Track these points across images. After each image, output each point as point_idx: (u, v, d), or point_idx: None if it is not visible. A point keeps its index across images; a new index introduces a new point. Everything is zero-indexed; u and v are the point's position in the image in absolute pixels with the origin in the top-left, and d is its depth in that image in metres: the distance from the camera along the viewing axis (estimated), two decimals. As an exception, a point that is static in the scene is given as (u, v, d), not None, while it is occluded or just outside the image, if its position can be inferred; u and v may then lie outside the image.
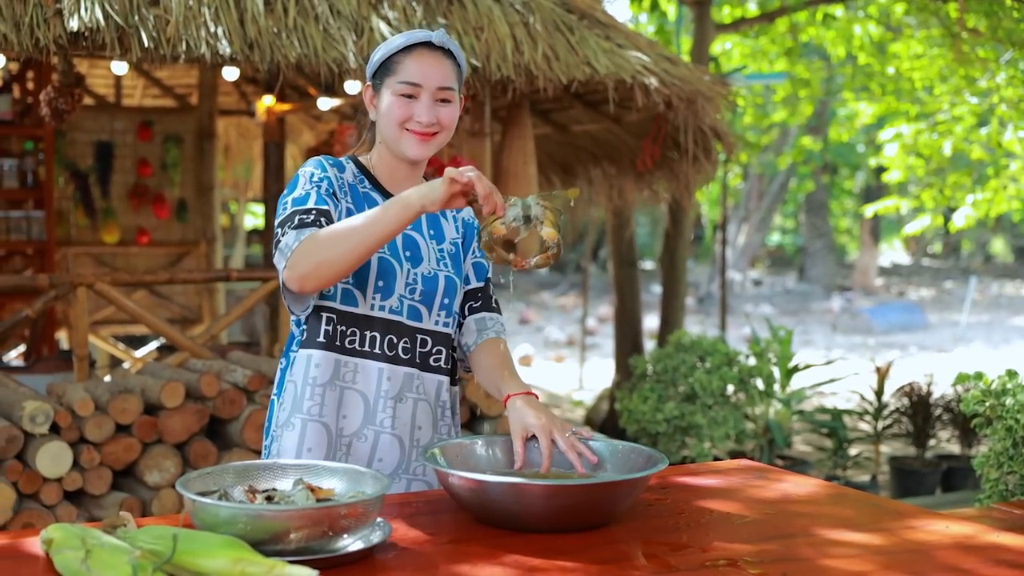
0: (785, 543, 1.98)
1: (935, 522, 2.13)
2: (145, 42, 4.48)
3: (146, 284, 7.84)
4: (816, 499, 2.35)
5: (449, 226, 2.65)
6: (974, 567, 1.84)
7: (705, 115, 5.96)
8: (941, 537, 2.02)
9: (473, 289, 2.67)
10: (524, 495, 1.98)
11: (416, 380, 2.52)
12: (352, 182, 2.56)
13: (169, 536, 1.72)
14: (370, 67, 2.59)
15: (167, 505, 4.67)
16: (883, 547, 1.97)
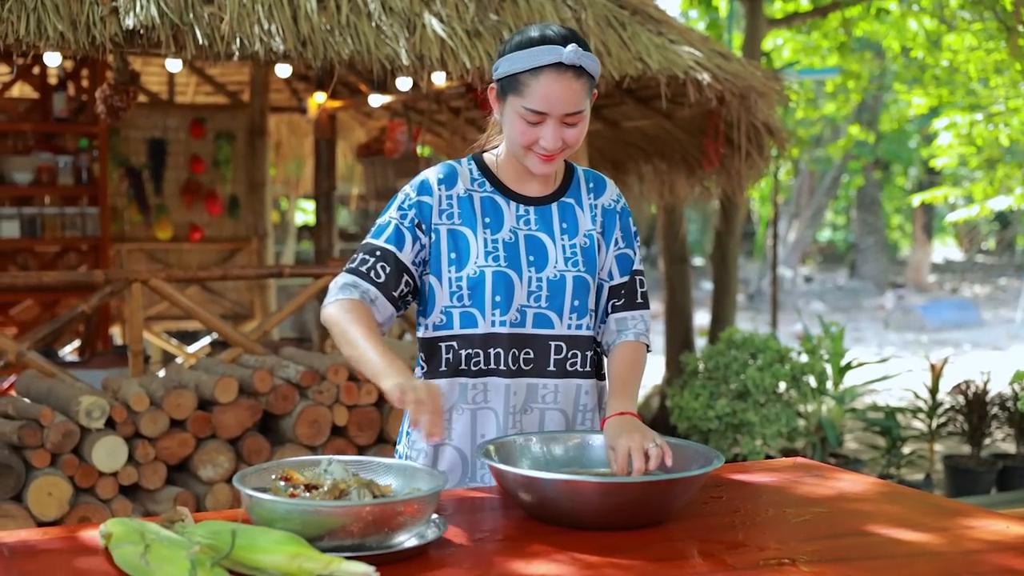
0: (841, 542, 1.97)
1: (994, 522, 2.10)
2: (200, 40, 4.51)
3: (200, 280, 7.89)
4: (871, 498, 2.32)
5: (584, 217, 2.56)
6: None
7: (758, 111, 5.92)
8: (1001, 537, 1.99)
9: (616, 285, 2.57)
10: (579, 493, 1.98)
11: (543, 390, 2.46)
12: (467, 190, 2.49)
13: (227, 531, 1.73)
14: (496, 72, 2.47)
15: (220, 500, 4.70)
16: (941, 547, 1.95)
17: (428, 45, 4.87)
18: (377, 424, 5.14)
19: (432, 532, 1.90)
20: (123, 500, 4.57)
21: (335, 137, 8.54)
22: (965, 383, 7.41)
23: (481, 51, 4.95)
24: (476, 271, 2.43)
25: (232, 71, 9.38)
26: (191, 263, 8.93)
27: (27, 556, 1.82)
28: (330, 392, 5.02)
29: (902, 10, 11.06)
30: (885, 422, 7.15)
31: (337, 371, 5.05)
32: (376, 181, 7.49)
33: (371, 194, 7.72)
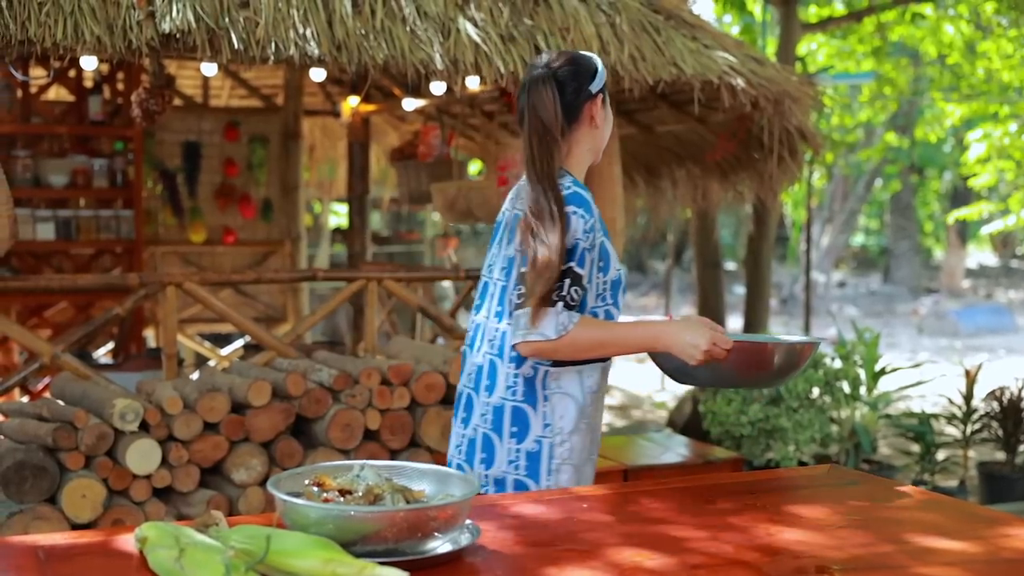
0: (877, 550, 1.95)
1: (1033, 531, 2.08)
2: (235, 44, 4.53)
3: (233, 283, 7.93)
4: (906, 505, 2.31)
5: None
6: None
7: (792, 115, 5.90)
8: (1040, 547, 1.98)
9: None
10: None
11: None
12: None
13: (262, 536, 1.74)
14: (598, 85, 2.93)
15: (253, 503, 4.72)
16: (978, 555, 1.93)
17: (462, 50, 4.88)
18: (410, 428, 5.14)
19: (465, 538, 1.90)
20: (156, 503, 4.58)
21: (368, 140, 8.55)
22: (999, 389, 7.35)
23: (515, 55, 4.95)
24: (616, 274, 2.85)
25: (266, 74, 9.42)
26: (224, 266, 8.96)
27: (62, 559, 1.83)
28: (363, 396, 5.03)
29: (938, 15, 11.00)
30: (919, 428, 7.11)
31: (370, 375, 5.06)
32: (409, 185, 7.50)
33: (404, 198, 7.73)
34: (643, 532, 2.08)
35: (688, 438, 6.58)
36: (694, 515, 2.21)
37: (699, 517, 2.19)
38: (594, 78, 2.92)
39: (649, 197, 7.95)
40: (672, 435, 7.61)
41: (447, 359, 5.29)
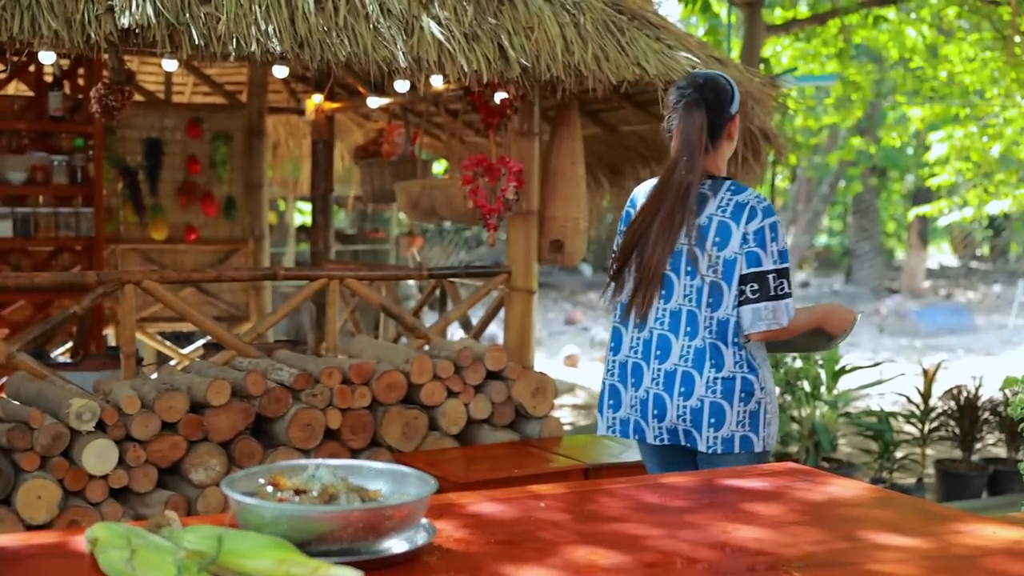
0: (832, 547, 1.96)
1: (983, 526, 2.10)
2: (196, 39, 4.50)
3: (194, 282, 7.88)
4: (863, 503, 2.32)
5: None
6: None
7: (755, 116, 5.92)
8: (989, 542, 1.99)
9: None
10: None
11: None
12: None
13: (214, 536, 1.72)
14: (736, 104, 3.64)
15: (212, 504, 4.69)
16: (931, 552, 1.95)
17: (426, 48, 4.86)
18: (371, 427, 5.13)
19: (421, 537, 1.89)
20: (113, 503, 4.55)
21: (333, 138, 8.52)
22: (957, 388, 7.42)
23: (479, 54, 4.94)
24: None
25: (230, 71, 9.36)
26: (186, 264, 8.90)
27: (12, 561, 1.81)
28: (323, 395, 5.01)
29: (900, 18, 11.06)
30: (878, 426, 7.16)
31: (331, 374, 5.04)
32: (373, 183, 7.46)
33: (368, 196, 7.69)
34: (600, 531, 2.08)
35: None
36: (651, 513, 2.21)
37: (656, 515, 2.20)
38: (733, 101, 3.63)
39: (614, 197, 7.96)
40: (634, 435, 7.62)
41: (409, 358, 5.28)
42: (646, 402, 3.62)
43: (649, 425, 3.62)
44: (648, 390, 3.61)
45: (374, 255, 15.02)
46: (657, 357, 3.60)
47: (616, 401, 3.73)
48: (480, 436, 5.41)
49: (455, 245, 22.23)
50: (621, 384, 3.70)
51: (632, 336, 3.68)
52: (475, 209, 5.65)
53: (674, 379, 3.56)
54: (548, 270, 22.28)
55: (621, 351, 3.71)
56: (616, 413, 3.73)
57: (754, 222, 3.51)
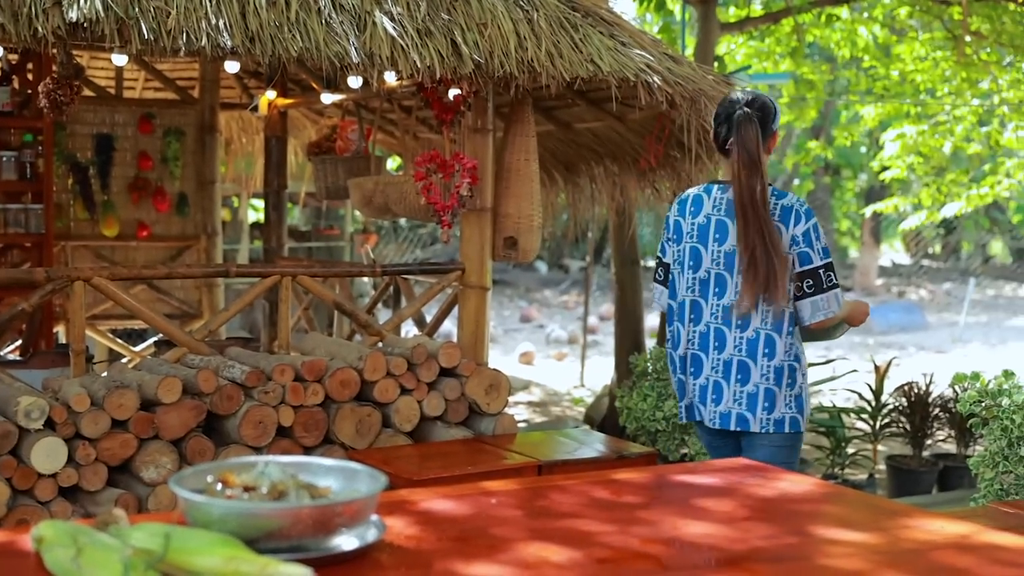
0: (781, 542, 1.97)
1: (931, 521, 2.11)
2: (145, 34, 4.46)
3: (144, 278, 7.81)
4: (813, 498, 2.33)
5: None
6: (970, 566, 1.83)
7: (708, 114, 5.94)
8: (937, 536, 2.01)
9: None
10: None
11: None
12: None
13: (161, 534, 1.70)
14: (778, 120, 4.21)
15: (163, 502, 4.65)
16: (880, 546, 1.96)
17: (378, 43, 4.84)
18: (324, 425, 5.11)
19: (372, 534, 1.88)
20: (63, 502, 4.50)
21: (286, 135, 8.47)
22: (908, 385, 7.49)
23: (432, 50, 4.93)
24: None
25: (181, 67, 9.29)
26: (138, 261, 8.83)
27: (-45, 558, 1.78)
28: (276, 392, 4.98)
29: (853, 17, 11.14)
30: (829, 423, 7.21)
31: (283, 371, 5.02)
32: (327, 180, 7.42)
33: (321, 193, 7.65)
34: (551, 527, 2.07)
35: (604, 434, 6.61)
36: (603, 509, 2.21)
37: (607, 511, 2.20)
38: (776, 118, 4.14)
39: (568, 194, 7.96)
40: (588, 431, 7.65)
41: (362, 355, 5.26)
42: (705, 388, 4.14)
43: (707, 408, 4.14)
44: (708, 378, 4.14)
45: (328, 252, 14.97)
46: (715, 348, 4.11)
47: (681, 391, 4.27)
48: (434, 433, 5.40)
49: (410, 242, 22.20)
50: (682, 375, 4.24)
51: (689, 330, 4.18)
52: (429, 206, 5.64)
53: (731, 367, 4.07)
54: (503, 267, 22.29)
55: (680, 346, 4.22)
56: (681, 401, 4.27)
57: (800, 225, 4.06)
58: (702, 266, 4.14)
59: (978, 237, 28.48)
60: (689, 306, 4.17)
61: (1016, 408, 5.28)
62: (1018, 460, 5.24)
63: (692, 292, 4.17)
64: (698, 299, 4.15)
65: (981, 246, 29.58)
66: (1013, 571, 1.82)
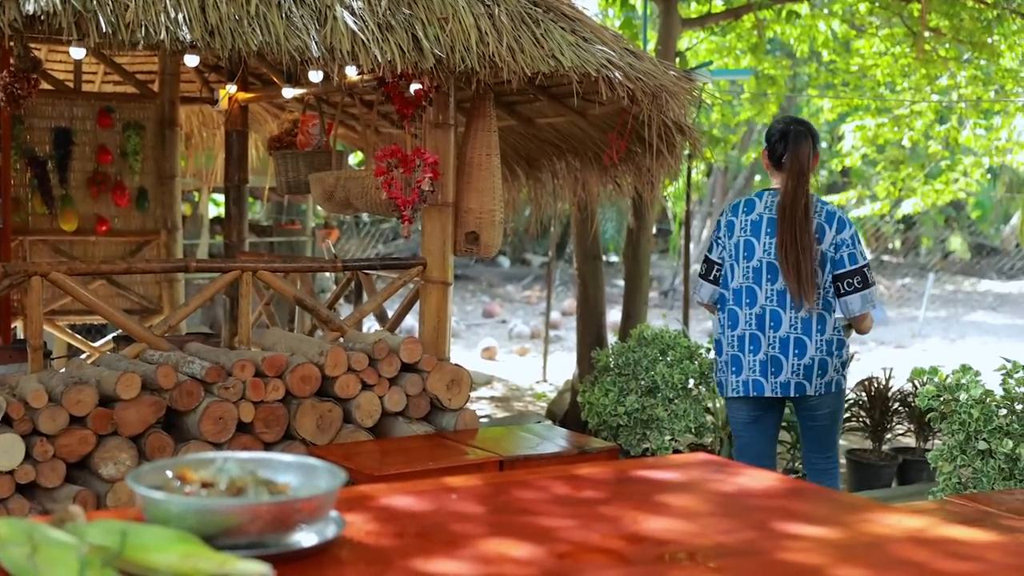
0: (741, 537, 1.97)
1: (889, 516, 2.13)
2: (103, 27, 4.43)
3: (102, 273, 7.76)
4: (773, 493, 2.34)
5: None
6: (926, 560, 1.84)
7: (669, 110, 5.96)
8: (894, 531, 2.02)
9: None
10: None
11: None
12: None
13: (118, 531, 1.69)
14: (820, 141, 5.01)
15: (122, 498, 4.62)
16: (839, 541, 1.97)
17: (339, 37, 4.83)
18: (284, 420, 5.09)
19: (331, 530, 1.87)
20: (20, 499, 4.47)
21: (247, 129, 8.43)
22: (868, 380, 7.54)
23: (393, 44, 4.92)
24: None
25: (141, 60, 9.23)
26: (97, 256, 8.76)
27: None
28: (236, 388, 4.96)
29: (813, 13, 11.20)
30: (790, 417, 7.24)
31: (244, 367, 4.99)
32: (288, 174, 7.39)
33: (282, 188, 7.61)
34: (511, 522, 2.07)
35: (566, 429, 6.61)
36: (563, 505, 2.21)
37: (568, 506, 2.20)
38: (818, 140, 4.91)
39: (530, 189, 7.97)
40: (551, 426, 7.66)
41: (323, 351, 5.24)
42: (765, 363, 4.83)
43: (768, 382, 4.83)
44: (767, 354, 4.82)
45: (290, 247, 14.91)
46: (771, 327, 4.81)
47: (738, 368, 4.89)
48: (395, 429, 5.39)
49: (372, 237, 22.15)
50: (740, 353, 4.87)
51: (746, 313, 4.85)
52: (390, 201, 5.62)
53: (788, 344, 4.79)
54: (466, 262, 22.28)
55: (738, 326, 4.87)
56: (738, 377, 4.89)
57: (845, 231, 4.79)
58: (755, 256, 4.84)
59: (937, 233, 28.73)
60: (745, 292, 4.87)
61: (973, 402, 5.33)
62: (976, 454, 5.29)
63: (747, 279, 4.87)
64: (752, 285, 4.85)
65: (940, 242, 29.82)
66: (966, 564, 1.83)
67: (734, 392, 4.92)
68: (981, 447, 5.26)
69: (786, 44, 13.01)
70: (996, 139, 11.60)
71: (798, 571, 1.80)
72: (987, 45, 10.48)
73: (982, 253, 29.49)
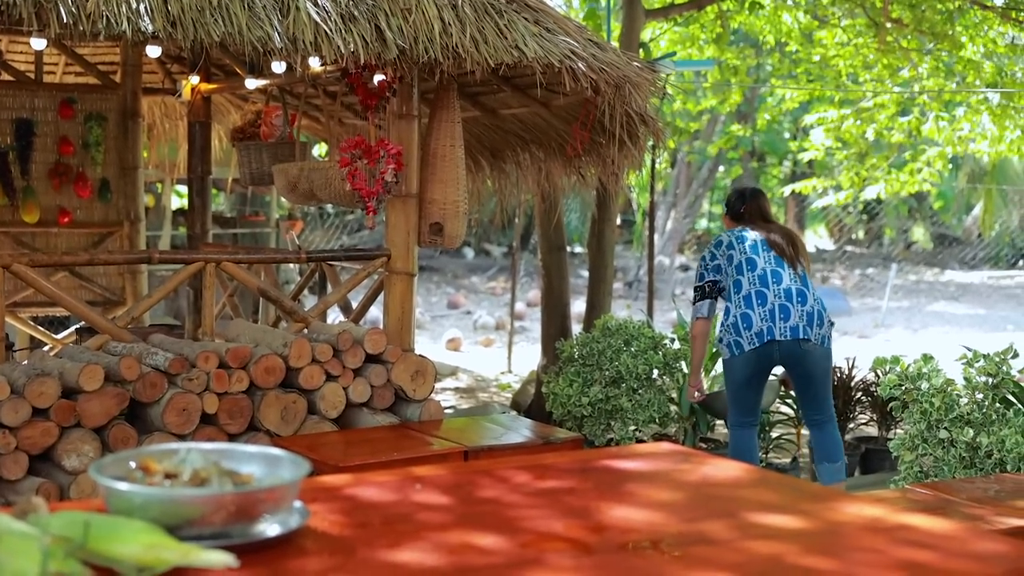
0: (704, 526, 1.99)
1: (849, 504, 2.15)
2: (64, 17, 4.39)
3: (65, 265, 7.71)
4: (737, 482, 2.36)
5: None
6: (884, 547, 1.87)
7: (632, 100, 5.97)
8: (854, 519, 2.05)
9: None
10: None
11: None
12: None
13: (81, 522, 1.68)
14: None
15: (86, 490, 4.60)
16: (801, 529, 1.99)
17: (301, 28, 4.81)
18: (248, 412, 5.08)
19: (295, 520, 1.87)
20: (-17, 491, 4.44)
21: (210, 120, 8.38)
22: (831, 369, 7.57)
23: (356, 35, 4.91)
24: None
25: (103, 51, 9.16)
26: (60, 248, 8.70)
27: None
28: (200, 379, 4.94)
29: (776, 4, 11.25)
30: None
31: (207, 358, 4.98)
32: (251, 166, 7.36)
33: (246, 179, 7.58)
34: (475, 512, 2.08)
35: (531, 419, 6.63)
36: (527, 495, 2.22)
37: (532, 496, 2.21)
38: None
39: (494, 180, 7.97)
40: (516, 417, 7.67)
41: (287, 342, 5.23)
42: (774, 311, 5.79)
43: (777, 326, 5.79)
44: (774, 303, 5.81)
45: (254, 238, 14.85)
46: (774, 282, 5.85)
47: (748, 323, 5.81)
48: (359, 420, 5.39)
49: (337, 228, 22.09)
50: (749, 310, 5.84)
51: (759, 311, 5.80)
52: (354, 192, 5.61)
53: (792, 293, 5.85)
54: (431, 253, 22.27)
55: (742, 290, 5.88)
56: (750, 330, 5.80)
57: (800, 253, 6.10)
58: (758, 267, 5.89)
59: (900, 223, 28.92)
60: (755, 295, 5.84)
61: (935, 391, 5.38)
62: (937, 443, 5.34)
63: (754, 285, 5.86)
64: (761, 289, 5.84)
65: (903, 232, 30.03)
66: (922, 551, 1.86)
67: (749, 345, 5.79)
68: (942, 436, 5.31)
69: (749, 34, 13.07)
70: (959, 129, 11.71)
71: (760, 559, 1.82)
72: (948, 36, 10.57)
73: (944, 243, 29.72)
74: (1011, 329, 16.42)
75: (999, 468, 5.14)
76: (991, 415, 5.26)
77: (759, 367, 5.90)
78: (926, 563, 1.80)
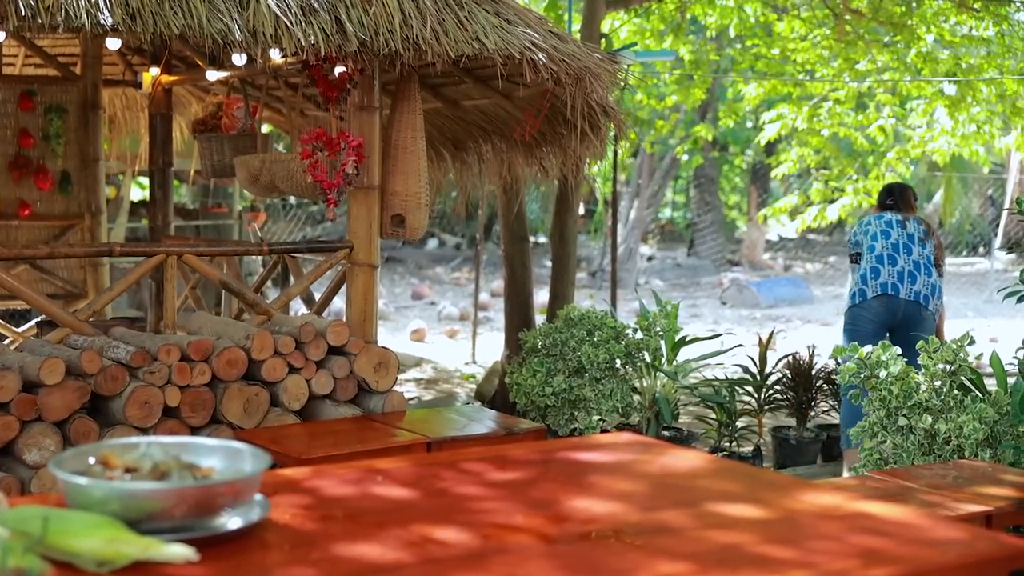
0: (665, 515, 2.01)
1: (808, 492, 2.18)
2: (23, 10, 4.36)
3: (25, 258, 7.65)
4: (697, 472, 2.38)
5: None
6: (841, 535, 1.90)
7: (593, 91, 5.99)
8: (811, 507, 2.08)
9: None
10: None
11: None
12: None
13: (39, 517, 1.69)
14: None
15: (47, 484, 4.59)
16: (760, 518, 2.01)
17: (261, 20, 4.80)
18: (211, 405, 5.07)
19: (256, 513, 1.88)
20: (-57, 486, 4.42)
21: (171, 112, 8.34)
22: (792, 357, 7.64)
23: (316, 27, 4.90)
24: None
25: (63, 43, 9.09)
26: (20, 240, 8.64)
27: None
28: (162, 372, 4.93)
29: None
30: (715, 397, 7.32)
31: (169, 351, 4.96)
32: (212, 157, 7.33)
33: (207, 171, 7.55)
34: (436, 504, 2.10)
35: (494, 410, 6.64)
36: (488, 486, 2.23)
37: (493, 487, 2.22)
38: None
39: (456, 172, 7.97)
40: (479, 408, 7.69)
41: (249, 334, 5.22)
42: (902, 274, 6.72)
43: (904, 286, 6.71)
44: (903, 268, 6.73)
45: (216, 230, 14.77)
46: (905, 252, 6.80)
47: (876, 274, 6.73)
48: (322, 412, 5.39)
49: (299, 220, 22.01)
50: (880, 265, 6.77)
51: (888, 269, 6.75)
52: (315, 184, 5.61)
53: (920, 265, 6.78)
54: (394, 244, 22.23)
55: (897, 264, 6.76)
56: (877, 280, 6.72)
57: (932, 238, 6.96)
58: (891, 238, 6.85)
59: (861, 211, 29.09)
60: (887, 257, 6.79)
61: (893, 379, 5.43)
62: (896, 430, 5.39)
63: (886, 250, 6.80)
64: (892, 253, 6.79)
65: (864, 220, 30.17)
66: (875, 538, 1.89)
67: (873, 293, 6.72)
68: (901, 423, 5.36)
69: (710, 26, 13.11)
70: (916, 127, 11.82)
71: (720, 548, 1.84)
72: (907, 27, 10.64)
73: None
74: (971, 316, 16.57)
75: (957, 454, 5.19)
76: (949, 402, 5.32)
77: (881, 319, 6.68)
78: (883, 550, 1.83)
